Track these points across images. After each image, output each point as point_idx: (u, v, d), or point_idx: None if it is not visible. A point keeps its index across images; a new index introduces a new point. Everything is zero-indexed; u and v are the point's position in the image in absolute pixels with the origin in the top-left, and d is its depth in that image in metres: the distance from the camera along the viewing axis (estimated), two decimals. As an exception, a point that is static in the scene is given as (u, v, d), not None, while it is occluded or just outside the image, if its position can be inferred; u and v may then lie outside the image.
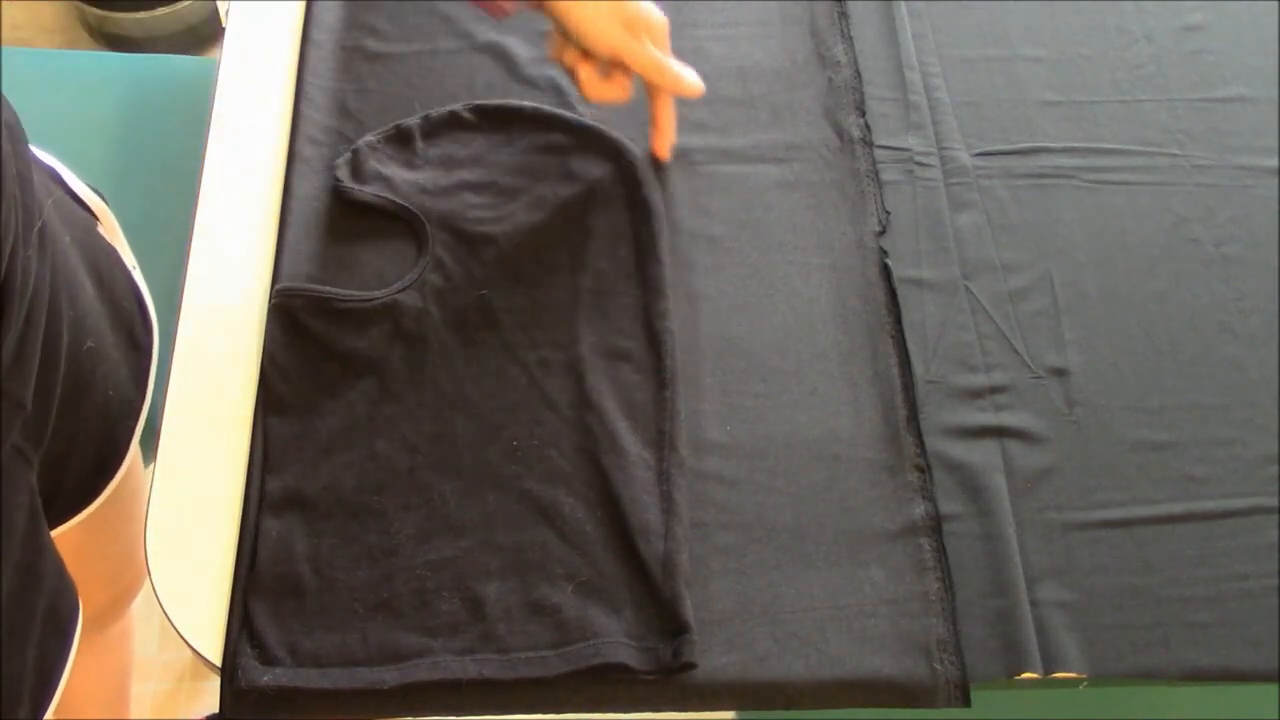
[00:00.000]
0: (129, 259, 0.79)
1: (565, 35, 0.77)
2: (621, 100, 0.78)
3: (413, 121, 0.82)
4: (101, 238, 0.76)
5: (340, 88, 0.84)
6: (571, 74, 0.78)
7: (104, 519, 0.76)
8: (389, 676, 0.63)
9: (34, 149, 0.73)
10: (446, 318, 0.74)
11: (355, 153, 0.80)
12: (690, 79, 0.78)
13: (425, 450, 0.70)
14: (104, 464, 0.74)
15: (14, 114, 0.64)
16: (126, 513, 0.81)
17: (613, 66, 0.78)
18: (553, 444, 0.70)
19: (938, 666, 0.65)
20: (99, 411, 0.71)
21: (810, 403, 0.74)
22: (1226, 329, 0.79)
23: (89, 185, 0.79)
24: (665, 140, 0.81)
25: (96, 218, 0.78)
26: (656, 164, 0.82)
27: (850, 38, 0.90)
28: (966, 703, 0.65)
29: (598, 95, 0.78)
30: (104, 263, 0.73)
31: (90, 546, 0.76)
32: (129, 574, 0.90)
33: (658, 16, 0.77)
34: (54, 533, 0.73)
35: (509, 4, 0.74)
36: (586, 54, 0.77)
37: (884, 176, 0.83)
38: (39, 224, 0.62)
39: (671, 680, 0.64)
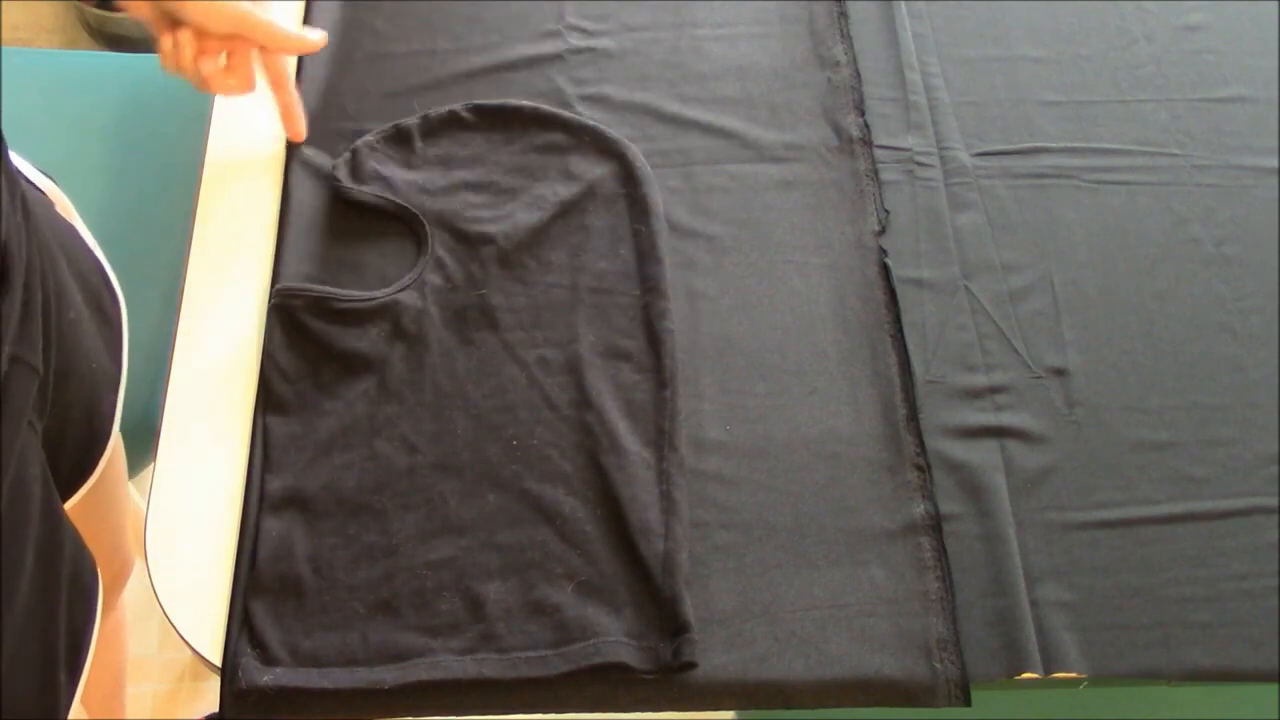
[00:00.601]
0: (88, 237, 0.79)
1: (172, 28, 0.74)
2: (248, 90, 0.77)
3: (412, 121, 0.82)
4: (60, 216, 0.77)
5: (340, 88, 0.84)
6: (190, 72, 0.75)
7: (95, 500, 0.76)
8: (389, 676, 0.63)
9: None
10: (446, 317, 0.74)
11: (355, 153, 0.80)
12: (314, 35, 0.76)
13: (425, 450, 0.70)
14: (94, 438, 0.74)
15: None
16: (112, 495, 0.81)
17: (231, 54, 0.76)
18: (553, 444, 0.70)
19: (938, 666, 0.65)
20: (86, 384, 0.71)
21: (810, 403, 0.74)
22: (1226, 329, 0.79)
23: (38, 168, 0.79)
24: (296, 123, 0.80)
25: (50, 199, 0.78)
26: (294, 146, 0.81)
27: (850, 37, 0.90)
28: (967, 702, 0.65)
29: (222, 86, 0.76)
30: (68, 239, 0.74)
31: (84, 529, 0.76)
32: (119, 558, 0.90)
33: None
34: None
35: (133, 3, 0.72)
36: (202, 44, 0.74)
37: (884, 176, 0.83)
38: (20, 192, 0.62)
39: (671, 680, 0.64)
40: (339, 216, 0.78)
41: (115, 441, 0.77)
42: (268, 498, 0.68)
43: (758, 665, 0.65)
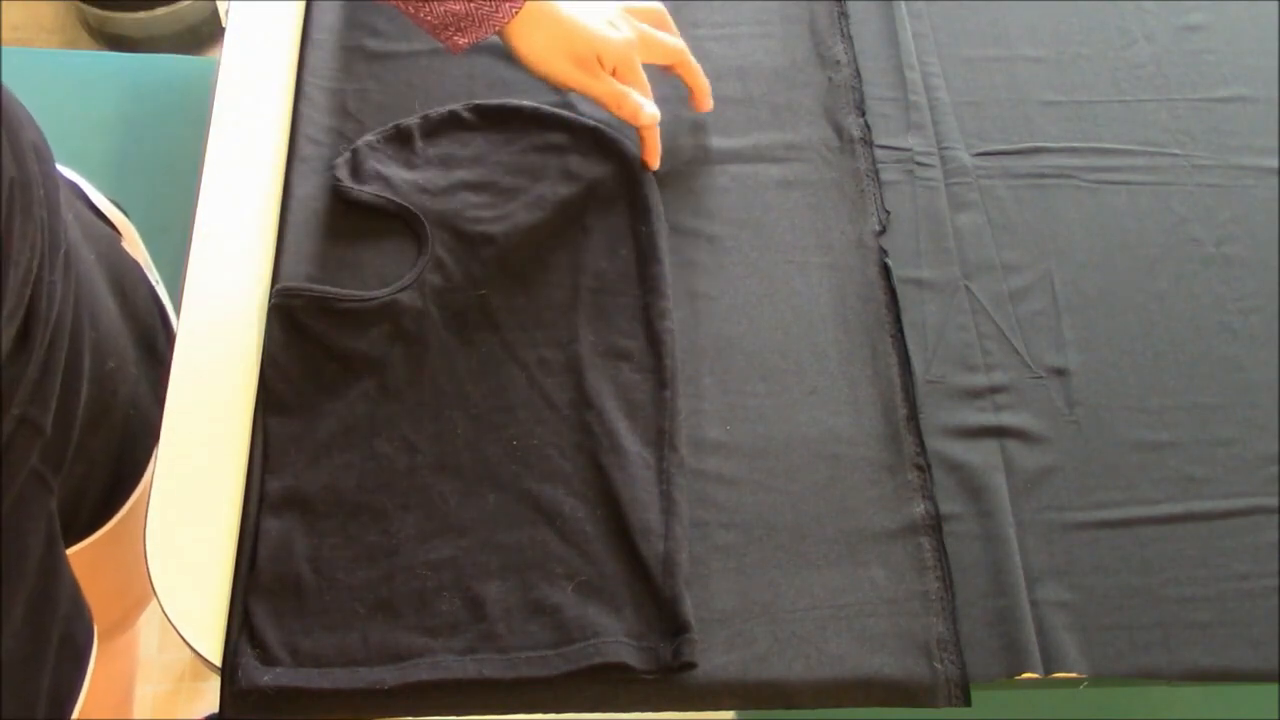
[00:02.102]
0: (152, 273, 0.78)
1: (591, 75, 0.77)
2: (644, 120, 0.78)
3: (412, 121, 0.82)
4: (125, 252, 0.76)
5: (340, 88, 0.84)
6: (631, 110, 0.78)
7: (120, 534, 0.76)
8: (389, 676, 0.63)
9: (61, 167, 0.73)
10: (446, 318, 0.74)
11: (355, 152, 0.80)
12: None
13: (425, 450, 0.70)
14: (122, 482, 0.73)
15: (41, 134, 0.63)
16: (141, 527, 0.81)
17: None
18: (553, 444, 0.70)
19: (938, 666, 0.65)
20: (118, 432, 0.71)
21: (810, 402, 0.74)
22: (1226, 329, 0.79)
23: (110, 199, 0.78)
24: (651, 155, 0.80)
25: (119, 232, 0.78)
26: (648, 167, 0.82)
27: (850, 37, 0.90)
28: (967, 702, 0.65)
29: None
30: (127, 278, 0.73)
31: (105, 561, 0.76)
32: (139, 586, 0.90)
33: (615, 42, 0.76)
34: (71, 550, 0.72)
35: (462, 39, 0.73)
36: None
37: (884, 176, 0.83)
38: (64, 247, 0.62)
39: (671, 680, 0.64)
40: (339, 216, 0.78)
41: (147, 480, 0.76)
42: (268, 498, 0.68)
43: (758, 665, 0.65)
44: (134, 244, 0.79)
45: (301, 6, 0.88)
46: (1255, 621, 0.68)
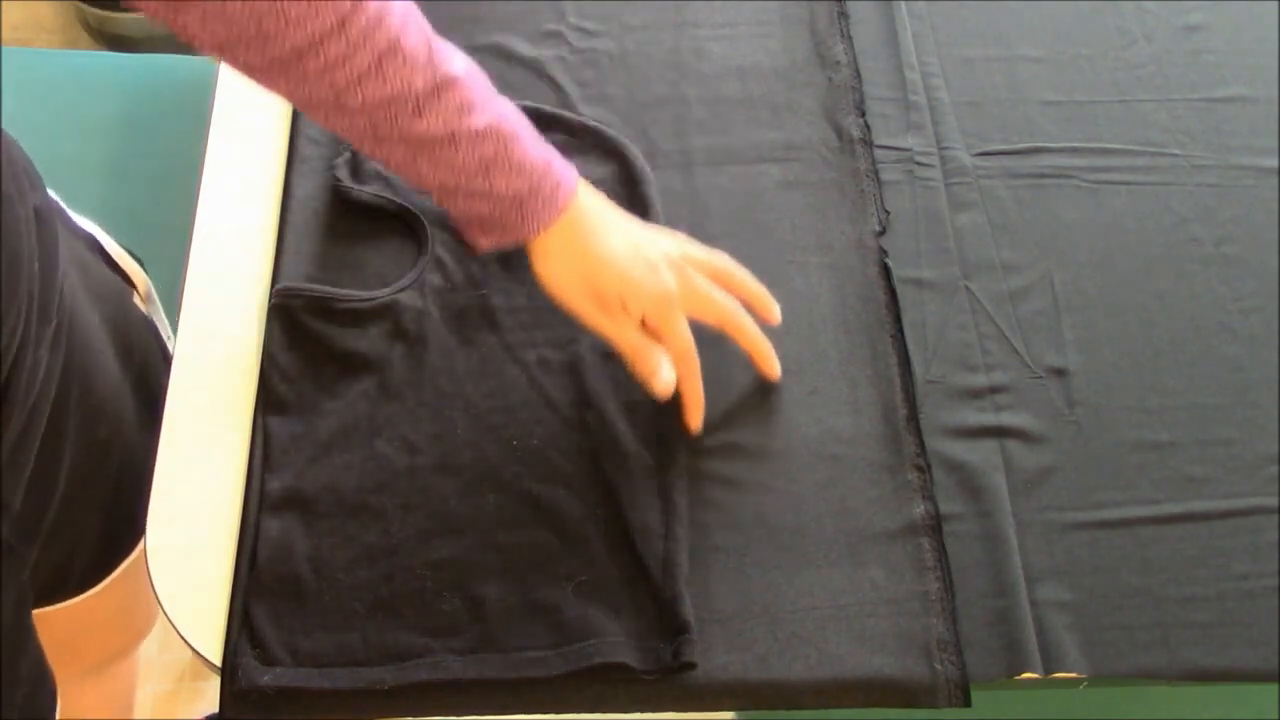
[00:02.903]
0: (164, 329, 0.77)
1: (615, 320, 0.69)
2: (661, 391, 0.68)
3: (413, 121, 0.82)
4: (135, 309, 0.75)
5: (340, 88, 0.84)
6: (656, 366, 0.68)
7: (123, 579, 0.75)
8: (389, 676, 0.63)
9: (74, 215, 0.72)
10: (446, 318, 0.74)
11: (355, 153, 0.80)
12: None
13: (425, 450, 0.70)
14: (118, 543, 0.72)
15: (47, 197, 0.62)
16: (134, 577, 0.80)
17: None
18: (553, 444, 0.70)
19: (938, 666, 0.65)
20: (109, 496, 0.70)
21: (810, 403, 0.74)
22: (1226, 329, 0.79)
23: (126, 249, 0.77)
24: (693, 415, 0.71)
25: (132, 285, 0.77)
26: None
27: (850, 38, 0.90)
28: (967, 703, 0.64)
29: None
30: (135, 336, 0.72)
31: (104, 606, 0.75)
32: (141, 618, 0.88)
33: (647, 289, 0.66)
34: (69, 603, 0.72)
35: (485, 241, 0.67)
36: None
37: (884, 176, 0.83)
38: (54, 321, 0.61)
39: (671, 680, 0.64)
40: (339, 216, 0.78)
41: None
42: (268, 498, 0.68)
43: (758, 665, 0.65)
44: (148, 298, 0.77)
45: (301, 6, 0.88)
46: (1255, 621, 0.68)
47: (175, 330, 0.74)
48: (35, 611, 0.71)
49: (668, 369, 0.67)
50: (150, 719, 1.34)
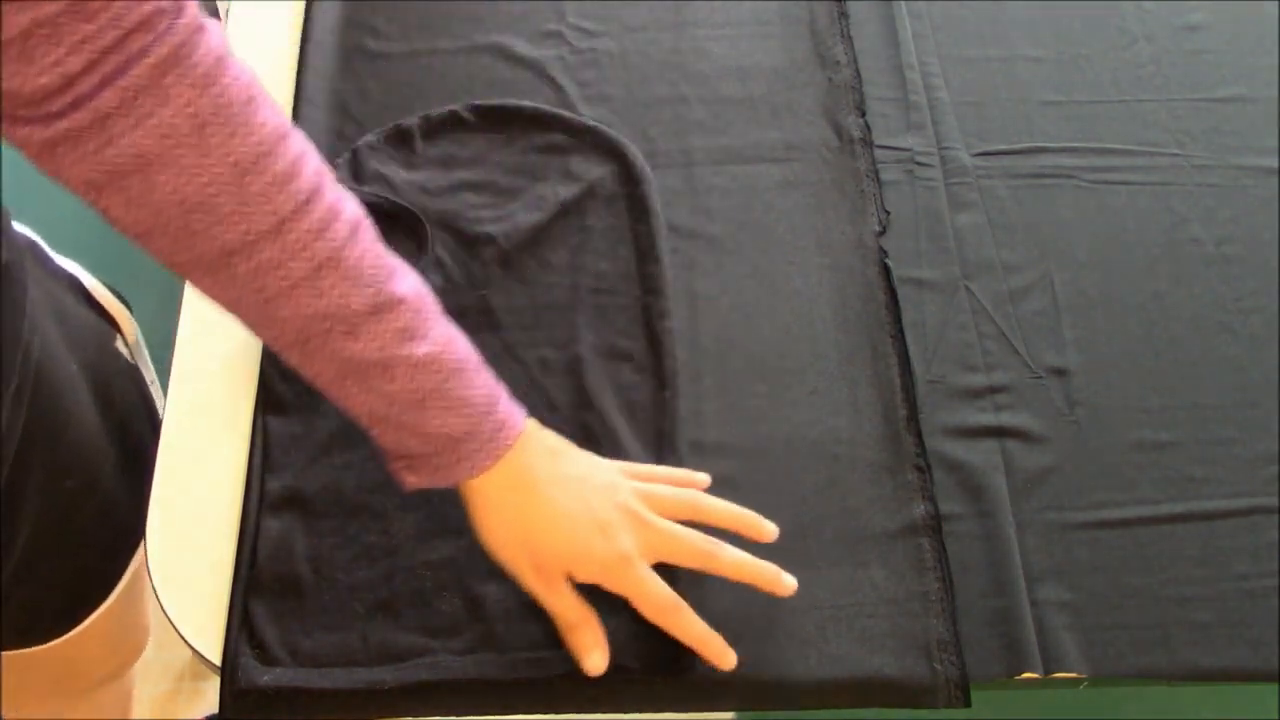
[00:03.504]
0: (148, 373, 0.74)
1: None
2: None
3: (412, 121, 0.82)
4: (117, 355, 0.72)
5: (340, 88, 0.84)
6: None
7: (101, 621, 0.73)
8: (389, 676, 0.63)
9: (57, 257, 0.70)
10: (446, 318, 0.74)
11: (355, 153, 0.80)
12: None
13: (425, 450, 0.70)
14: (89, 593, 0.70)
15: (15, 246, 0.59)
16: (130, 605, 0.78)
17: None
18: (553, 444, 0.70)
19: (938, 666, 0.65)
20: (76, 547, 0.68)
21: (810, 403, 0.74)
22: (1226, 329, 0.79)
23: (111, 289, 0.75)
24: (713, 656, 0.62)
25: (115, 326, 0.75)
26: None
27: (850, 37, 0.90)
28: (967, 703, 0.64)
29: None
30: (116, 384, 0.69)
31: (86, 643, 0.73)
32: (129, 646, 0.86)
33: (597, 557, 0.60)
34: (39, 648, 0.71)
35: (413, 478, 0.60)
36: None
37: (884, 176, 0.83)
38: (15, 382, 0.59)
39: (671, 680, 0.64)
40: (339, 216, 0.78)
41: (136, 566, 0.72)
42: (268, 498, 0.68)
43: (758, 665, 0.65)
44: (132, 340, 0.74)
45: (301, 6, 0.88)
46: (1255, 621, 0.68)
47: (176, 330, 0.74)
48: (6, 654, 0.70)
49: (599, 657, 0.61)
50: (150, 719, 1.34)
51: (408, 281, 0.56)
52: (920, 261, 0.80)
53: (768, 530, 0.64)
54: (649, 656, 0.64)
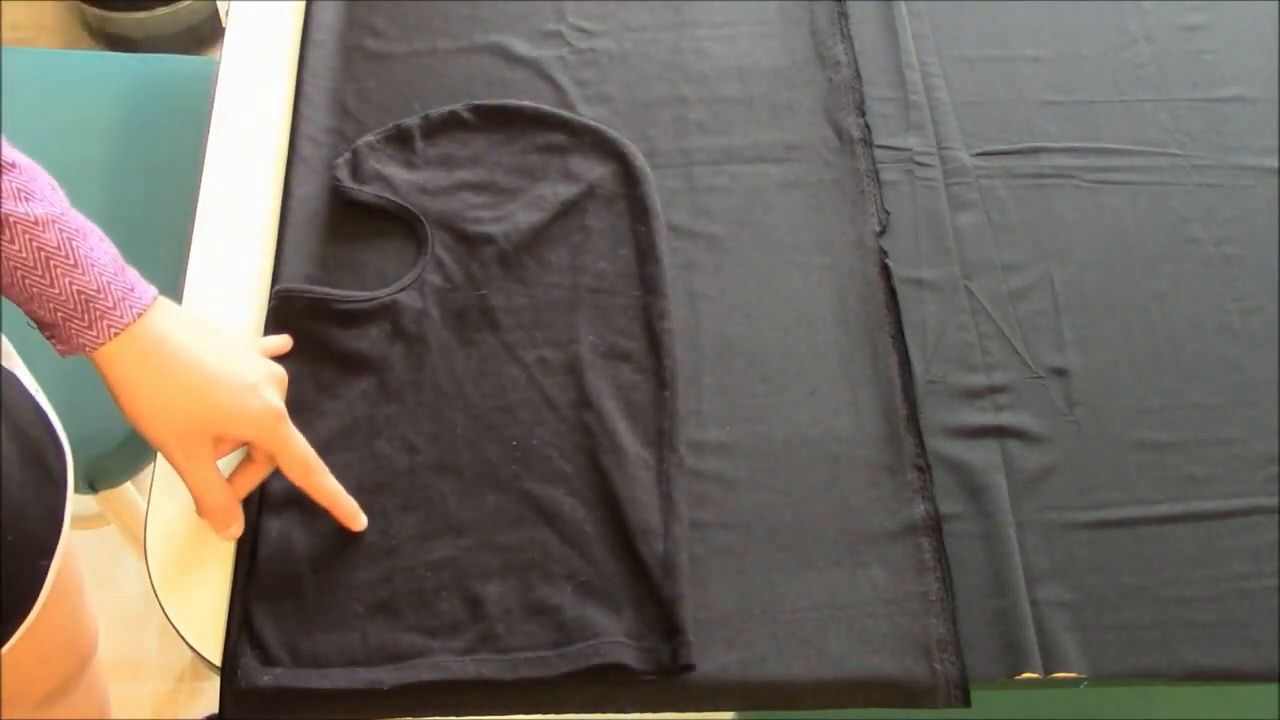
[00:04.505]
0: (30, 384, 0.73)
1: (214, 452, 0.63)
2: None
3: (412, 121, 0.82)
4: (1, 369, 0.68)
5: (340, 88, 0.84)
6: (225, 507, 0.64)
7: (31, 635, 0.71)
8: (388, 676, 0.63)
9: None
10: (446, 318, 0.74)
11: (355, 153, 0.80)
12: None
13: (425, 450, 0.70)
14: (10, 607, 0.64)
15: None
16: (60, 615, 0.72)
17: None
18: (553, 444, 0.70)
19: (938, 666, 0.65)
20: None
21: (810, 403, 0.74)
22: (1226, 329, 0.79)
23: None
24: (346, 518, 0.67)
25: None
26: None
27: (850, 38, 0.90)
28: (966, 703, 0.64)
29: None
30: (7, 395, 0.65)
31: (19, 659, 0.70)
32: (76, 651, 0.83)
33: (256, 410, 0.61)
34: None
35: (60, 346, 0.59)
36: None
37: (884, 176, 0.83)
38: None
39: (671, 680, 0.64)
40: (339, 216, 0.78)
41: (58, 571, 0.71)
42: (268, 498, 0.68)
43: (758, 665, 0.65)
44: (8, 356, 0.73)
45: (301, 6, 0.88)
46: (1255, 621, 0.68)
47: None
48: None
49: (237, 528, 0.64)
50: (150, 719, 1.34)
51: (21, 154, 0.56)
52: (920, 261, 0.80)
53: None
54: (649, 657, 0.64)
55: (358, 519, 0.66)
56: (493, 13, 0.89)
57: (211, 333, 0.63)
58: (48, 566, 0.67)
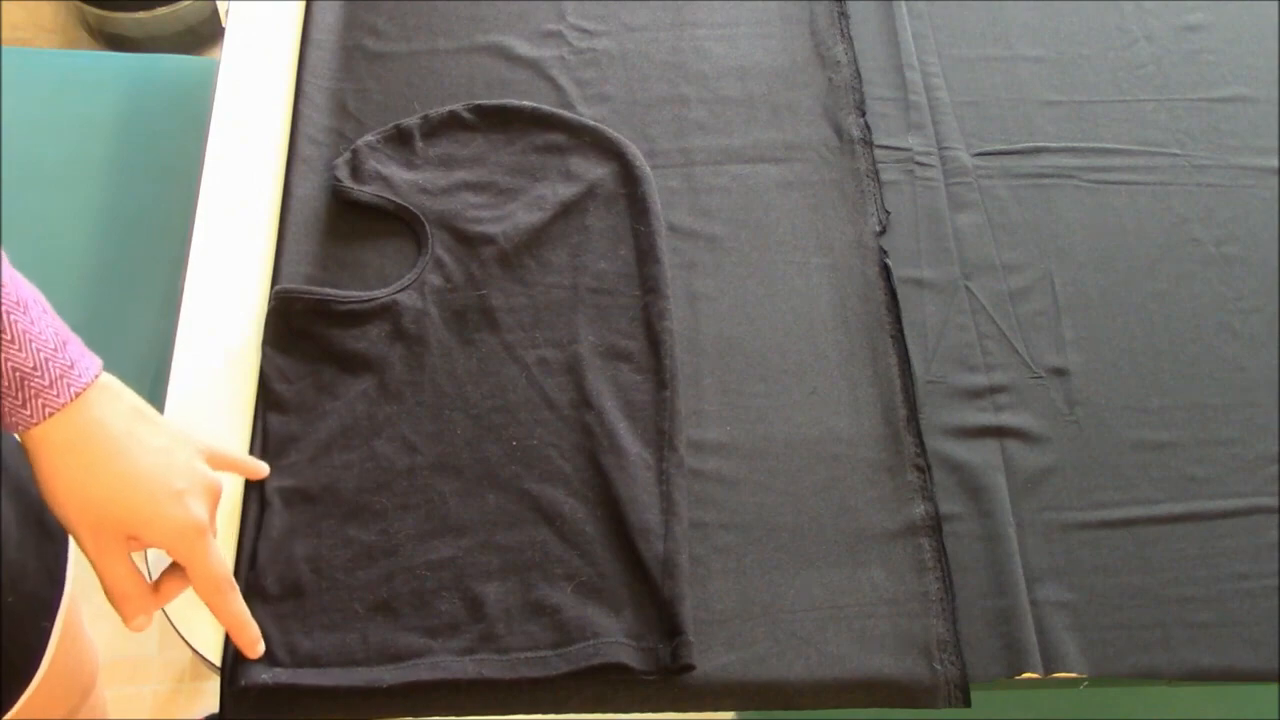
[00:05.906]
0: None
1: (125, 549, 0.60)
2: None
3: (412, 121, 0.82)
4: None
5: (340, 88, 0.84)
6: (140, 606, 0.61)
7: (37, 692, 0.69)
8: (388, 676, 0.63)
9: None
10: (446, 318, 0.74)
11: (355, 153, 0.80)
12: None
13: (425, 450, 0.70)
14: (12, 671, 0.65)
15: None
16: (61, 663, 0.71)
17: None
18: (553, 444, 0.70)
19: (938, 666, 0.65)
20: None
21: (810, 403, 0.74)
22: (1226, 329, 0.79)
23: None
24: (245, 645, 0.63)
25: None
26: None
27: (850, 38, 0.90)
28: (966, 703, 0.64)
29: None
30: (6, 449, 0.65)
31: (24, 706, 0.69)
32: (81, 683, 0.79)
33: (176, 520, 0.58)
34: None
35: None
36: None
37: (884, 176, 0.83)
38: None
39: (671, 680, 0.64)
40: (339, 216, 0.78)
41: (61, 634, 0.68)
42: (268, 498, 0.68)
43: (758, 665, 0.65)
44: None
45: (301, 6, 0.88)
46: (1255, 621, 0.68)
47: (176, 330, 0.74)
48: None
49: (144, 621, 0.60)
50: (150, 719, 1.34)
51: None
52: (920, 261, 0.80)
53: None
54: (649, 657, 0.64)
55: (255, 648, 0.63)
56: (493, 13, 0.89)
57: (153, 427, 0.59)
58: (50, 628, 0.66)
